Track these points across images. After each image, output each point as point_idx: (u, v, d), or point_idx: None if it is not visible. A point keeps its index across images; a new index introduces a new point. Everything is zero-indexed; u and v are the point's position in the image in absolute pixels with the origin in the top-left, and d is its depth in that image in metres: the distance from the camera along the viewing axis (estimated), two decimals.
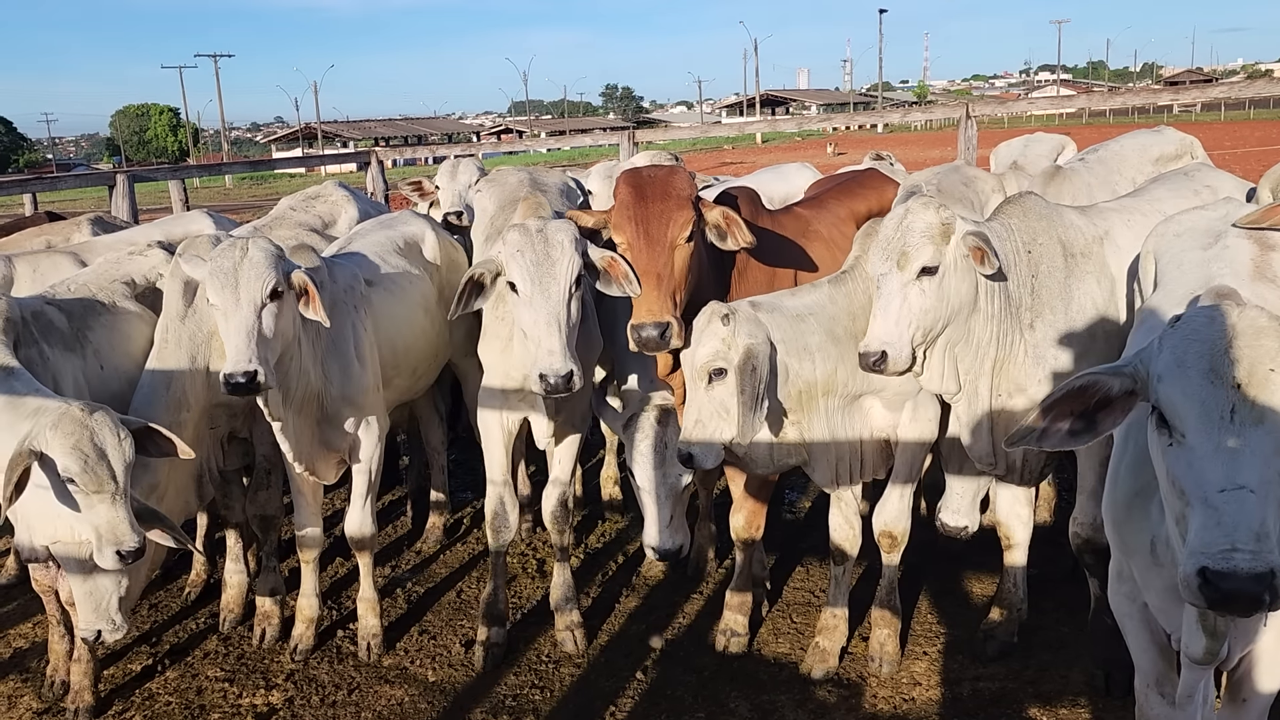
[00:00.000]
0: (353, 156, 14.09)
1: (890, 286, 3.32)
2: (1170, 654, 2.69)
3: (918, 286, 3.30)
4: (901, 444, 3.94)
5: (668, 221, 3.58)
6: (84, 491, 3.29)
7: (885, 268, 3.33)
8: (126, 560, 3.33)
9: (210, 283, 3.62)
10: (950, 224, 3.32)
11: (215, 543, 5.32)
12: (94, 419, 3.32)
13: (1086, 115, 63.08)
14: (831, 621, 4.15)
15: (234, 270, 3.60)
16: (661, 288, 3.56)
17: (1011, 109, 10.47)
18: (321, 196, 6.07)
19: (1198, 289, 2.78)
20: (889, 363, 3.28)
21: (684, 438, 3.49)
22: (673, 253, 3.59)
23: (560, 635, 4.45)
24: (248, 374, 3.50)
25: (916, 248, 3.28)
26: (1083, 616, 4.27)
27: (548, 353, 3.59)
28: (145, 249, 4.61)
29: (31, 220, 7.09)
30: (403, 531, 5.91)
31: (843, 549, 4.10)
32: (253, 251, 3.65)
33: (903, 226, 3.32)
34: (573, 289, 3.69)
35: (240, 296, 3.59)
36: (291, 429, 4.05)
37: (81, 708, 4.05)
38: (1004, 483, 4.02)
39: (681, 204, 3.62)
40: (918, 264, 3.28)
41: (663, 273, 3.57)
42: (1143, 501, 2.46)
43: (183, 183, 10.14)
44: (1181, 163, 5.39)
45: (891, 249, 3.32)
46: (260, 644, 4.56)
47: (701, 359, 3.44)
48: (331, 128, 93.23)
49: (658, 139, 11.17)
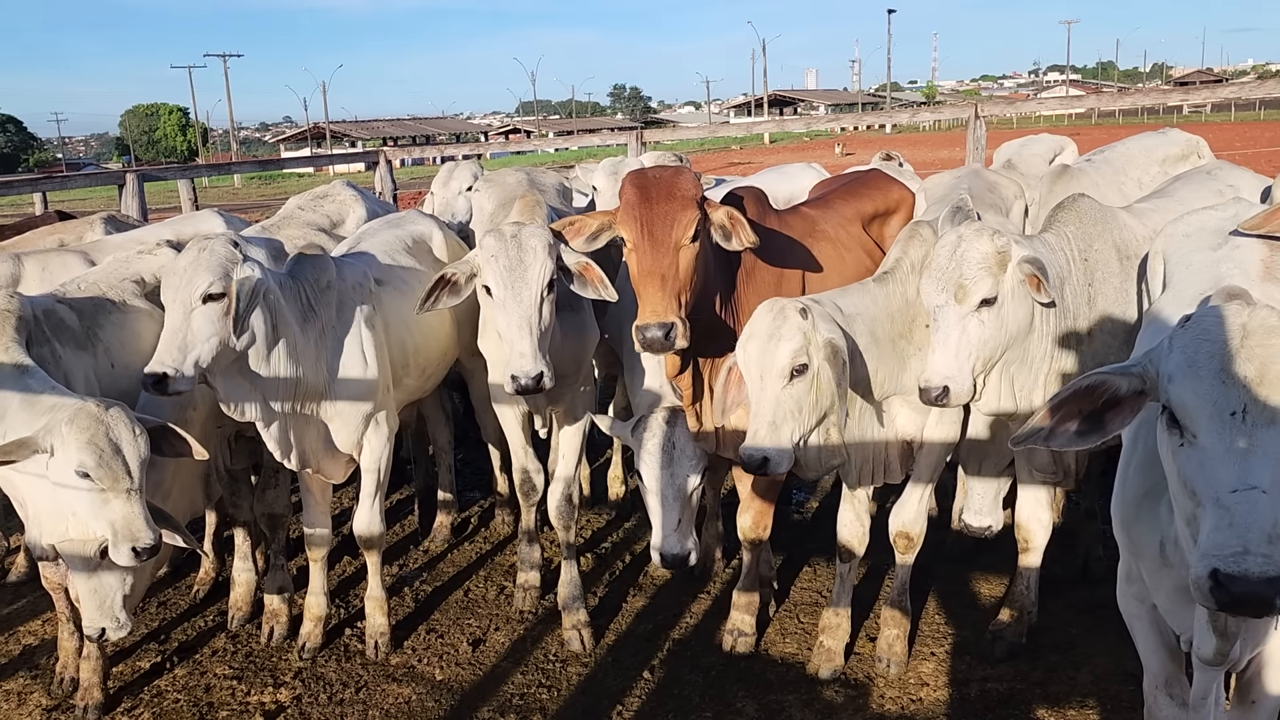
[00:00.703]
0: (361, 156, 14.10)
1: (948, 319, 3.26)
2: (1179, 655, 2.69)
3: (976, 318, 3.25)
4: (925, 446, 3.92)
5: (672, 222, 3.55)
6: (99, 487, 3.31)
7: (942, 299, 3.27)
8: (142, 557, 3.36)
9: (164, 282, 3.66)
10: (1006, 252, 3.27)
11: (223, 541, 5.34)
12: (110, 415, 3.35)
13: (1095, 116, 62.93)
14: (834, 620, 4.14)
15: (185, 270, 3.62)
16: (666, 288, 3.52)
17: (1020, 109, 10.47)
18: (330, 196, 6.07)
19: (1207, 290, 2.77)
20: (952, 397, 3.23)
21: (756, 443, 3.31)
22: (677, 253, 3.56)
23: (567, 634, 4.47)
24: (154, 375, 3.48)
25: (975, 280, 3.23)
26: (1091, 618, 4.26)
27: (519, 355, 3.72)
28: (154, 248, 4.62)
29: (42, 219, 7.11)
30: (410, 530, 5.92)
31: (850, 547, 4.09)
32: (202, 254, 3.66)
33: (957, 257, 3.26)
34: (544, 293, 3.79)
35: (178, 299, 3.60)
36: (283, 428, 4.04)
37: (90, 705, 4.07)
38: (1027, 485, 4.02)
39: (686, 204, 3.59)
40: (977, 297, 3.23)
41: (667, 273, 3.53)
42: (1152, 502, 2.45)
43: (192, 182, 10.18)
44: (1189, 163, 5.38)
45: (947, 280, 3.26)
46: (268, 642, 4.57)
47: (785, 355, 3.30)
48: (340, 127, 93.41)
49: (665, 139, 11.18)
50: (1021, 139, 6.78)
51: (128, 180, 9.11)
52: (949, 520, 5.20)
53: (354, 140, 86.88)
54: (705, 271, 3.72)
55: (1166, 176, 5.22)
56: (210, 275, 3.62)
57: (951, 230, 3.48)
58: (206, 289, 3.60)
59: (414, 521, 6.01)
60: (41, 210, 9.39)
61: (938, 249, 3.39)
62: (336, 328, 4.15)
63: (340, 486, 5.74)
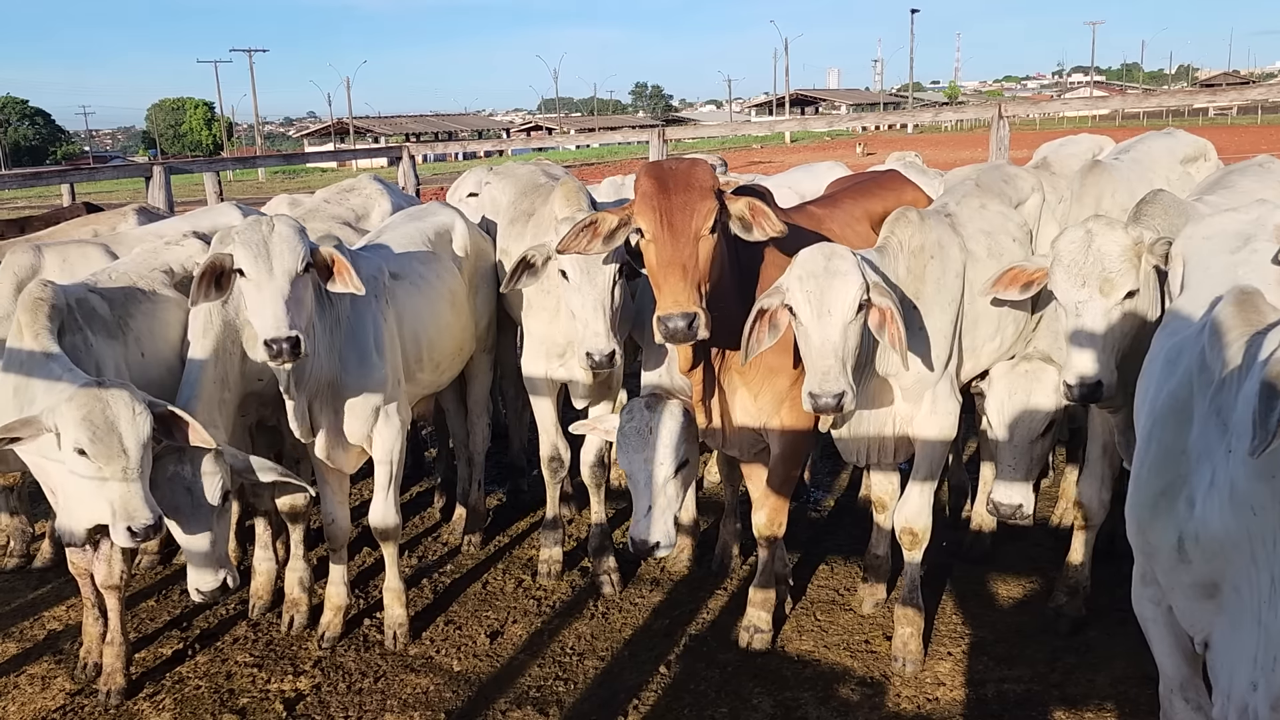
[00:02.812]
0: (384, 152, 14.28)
1: (1093, 312, 3.26)
2: (1195, 659, 2.67)
3: (1119, 310, 3.26)
4: (920, 440, 3.95)
5: (691, 212, 3.50)
6: (94, 463, 3.37)
7: (1085, 294, 3.26)
8: (138, 538, 3.40)
9: (243, 254, 3.65)
10: (1141, 240, 3.29)
11: (245, 530, 5.39)
12: (109, 394, 3.41)
13: (1120, 117, 62.41)
14: (875, 563, 4.54)
15: (264, 242, 3.67)
16: (687, 279, 3.46)
17: (1044, 110, 10.42)
18: (355, 189, 6.12)
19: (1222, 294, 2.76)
20: (1104, 391, 3.24)
21: (823, 387, 3.31)
22: (697, 243, 3.50)
23: (600, 579, 4.89)
24: (290, 339, 3.56)
25: (1121, 273, 3.24)
26: (1109, 619, 4.25)
27: (593, 334, 4.08)
28: (182, 239, 4.69)
29: (70, 211, 7.19)
30: (430, 522, 5.96)
31: (883, 500, 4.41)
32: (280, 225, 3.73)
33: (1094, 250, 3.27)
34: (616, 277, 4.10)
35: (274, 267, 3.65)
36: (303, 410, 4.09)
37: (113, 690, 4.12)
38: (1092, 466, 4.08)
39: (704, 194, 3.53)
40: (1123, 289, 3.25)
41: (687, 264, 3.48)
42: (1168, 500, 2.44)
43: (217, 175, 10.28)
44: (1200, 164, 5.43)
45: (1089, 274, 3.25)
46: (288, 631, 4.62)
47: (853, 290, 3.32)
48: (363, 123, 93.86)
49: (687, 137, 11.19)
50: (1060, 139, 6.75)
51: (155, 173, 9.21)
52: (968, 520, 5.20)
53: (377, 136, 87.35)
54: (722, 264, 3.70)
55: (1187, 177, 5.23)
56: (307, 245, 3.75)
57: (1075, 226, 3.47)
58: (309, 258, 3.74)
59: (434, 514, 6.05)
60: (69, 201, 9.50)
61: (1063, 244, 3.38)
62: (350, 319, 4.19)
63: (360, 478, 5.78)
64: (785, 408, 4.03)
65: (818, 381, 3.33)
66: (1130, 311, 3.30)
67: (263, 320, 3.62)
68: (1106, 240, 3.27)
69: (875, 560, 4.59)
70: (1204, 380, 2.36)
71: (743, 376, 4.00)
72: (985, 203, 4.41)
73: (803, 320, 3.40)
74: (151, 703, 4.12)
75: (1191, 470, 2.34)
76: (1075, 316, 3.30)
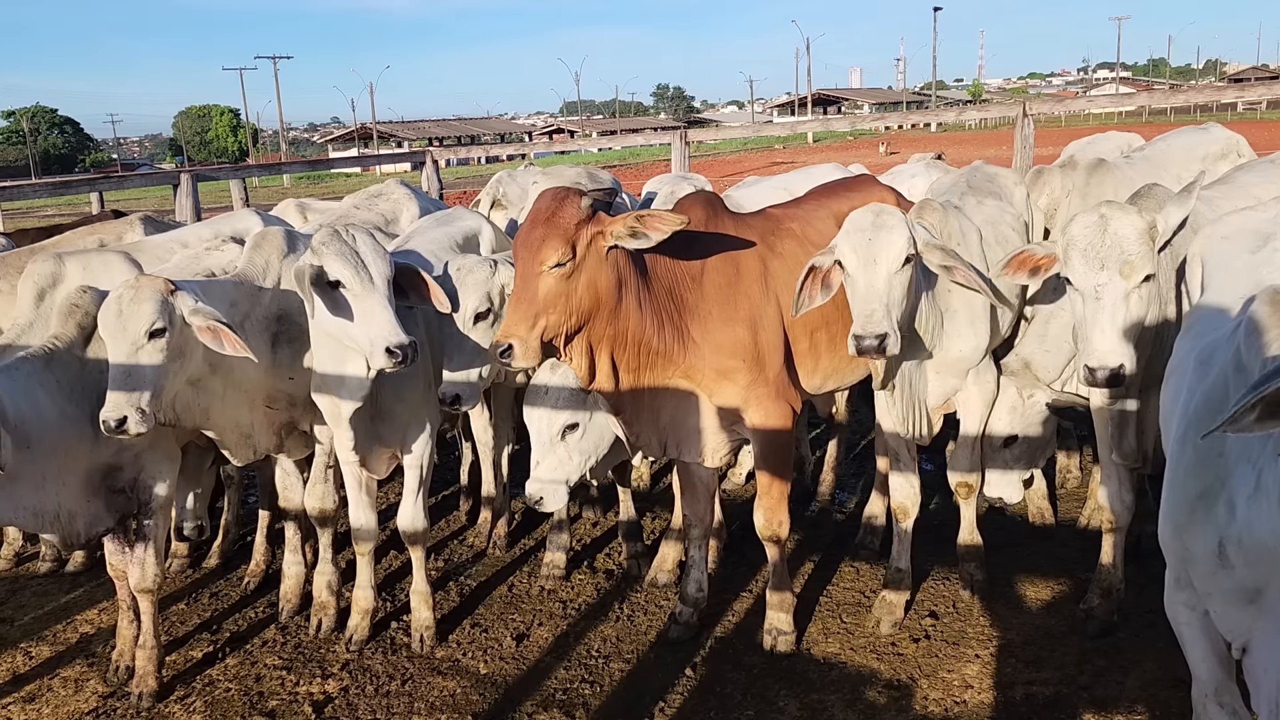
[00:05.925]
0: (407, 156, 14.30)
1: (1113, 295, 3.26)
2: (1230, 663, 2.64)
3: (1138, 293, 3.27)
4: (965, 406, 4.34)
5: (539, 248, 3.49)
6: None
7: (1104, 278, 3.26)
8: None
9: (338, 266, 3.80)
10: (1154, 223, 3.31)
11: (274, 534, 5.44)
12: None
13: (1147, 113, 61.72)
14: (897, 577, 4.47)
15: (357, 252, 3.85)
16: (531, 311, 3.47)
17: (1069, 107, 10.33)
18: (384, 195, 6.17)
19: (1248, 295, 2.72)
20: (1125, 373, 3.24)
21: (866, 328, 3.46)
22: (539, 279, 3.48)
23: (628, 563, 5.16)
24: (413, 343, 3.78)
25: (1141, 255, 3.24)
26: (1139, 621, 4.21)
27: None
28: (220, 244, 4.73)
29: (99, 219, 7.28)
30: (457, 526, 5.99)
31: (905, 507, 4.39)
32: (360, 235, 3.93)
33: (1110, 234, 3.28)
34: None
35: (374, 275, 3.83)
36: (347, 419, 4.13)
37: (145, 692, 4.17)
38: (1110, 470, 4.07)
39: (562, 232, 3.48)
40: (1143, 272, 3.25)
41: (533, 298, 3.50)
42: (1207, 504, 2.40)
43: (243, 182, 10.40)
44: (1228, 161, 5.37)
45: (1109, 256, 3.25)
46: (316, 634, 4.66)
47: (901, 241, 3.51)
48: (387, 128, 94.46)
49: (709, 138, 11.22)
50: (1088, 137, 6.72)
51: (182, 180, 9.32)
52: None
53: (400, 140, 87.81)
54: (594, 287, 3.59)
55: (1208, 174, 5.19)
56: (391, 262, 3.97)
57: (1087, 211, 3.48)
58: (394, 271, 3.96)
59: (460, 517, 6.08)
60: (98, 209, 9.63)
61: (1076, 228, 3.40)
62: None
63: (387, 482, 5.81)
64: (751, 407, 4.01)
65: (862, 324, 3.49)
66: (1148, 294, 3.28)
67: (378, 328, 3.77)
68: (1122, 223, 3.27)
69: (897, 575, 4.45)
70: (1240, 381, 2.32)
71: (690, 378, 3.95)
72: (981, 200, 4.62)
73: (850, 270, 3.60)
74: (182, 705, 4.17)
75: (1230, 473, 2.31)
76: (1094, 300, 3.29)
